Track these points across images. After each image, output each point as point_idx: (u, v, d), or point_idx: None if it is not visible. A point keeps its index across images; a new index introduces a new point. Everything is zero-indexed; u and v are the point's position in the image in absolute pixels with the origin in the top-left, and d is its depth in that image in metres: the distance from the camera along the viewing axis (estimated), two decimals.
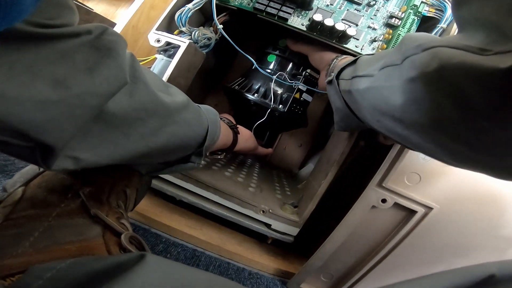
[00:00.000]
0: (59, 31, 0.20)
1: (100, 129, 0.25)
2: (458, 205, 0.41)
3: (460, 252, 0.43)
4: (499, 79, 0.16)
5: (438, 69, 0.20)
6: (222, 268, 0.48)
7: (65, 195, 0.32)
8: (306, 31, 0.55)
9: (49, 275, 0.20)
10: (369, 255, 0.46)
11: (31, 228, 0.27)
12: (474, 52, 0.19)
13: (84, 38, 0.22)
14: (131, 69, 0.27)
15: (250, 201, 0.52)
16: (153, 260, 0.21)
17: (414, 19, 0.54)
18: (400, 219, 0.43)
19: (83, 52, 0.22)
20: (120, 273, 0.19)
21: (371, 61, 0.35)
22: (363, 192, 0.43)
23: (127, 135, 0.27)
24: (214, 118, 0.41)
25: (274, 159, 0.91)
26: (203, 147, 0.38)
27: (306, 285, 0.51)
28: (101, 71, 0.23)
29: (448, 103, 0.20)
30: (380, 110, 0.30)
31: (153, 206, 0.53)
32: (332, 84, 0.43)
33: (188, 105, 0.35)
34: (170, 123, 0.31)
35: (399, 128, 0.28)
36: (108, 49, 0.23)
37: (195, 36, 0.54)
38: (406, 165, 0.40)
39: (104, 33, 0.23)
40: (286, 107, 0.63)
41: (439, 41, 0.22)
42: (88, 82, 0.22)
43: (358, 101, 0.35)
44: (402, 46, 0.27)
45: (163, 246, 0.46)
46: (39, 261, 0.24)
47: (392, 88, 0.26)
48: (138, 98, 0.27)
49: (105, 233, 0.31)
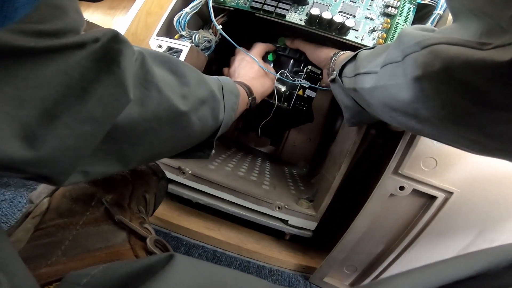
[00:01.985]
0: (61, 42, 0.17)
1: (106, 144, 0.23)
2: (479, 188, 0.40)
3: (488, 236, 0.43)
4: (503, 72, 0.17)
5: (444, 68, 0.21)
6: (242, 267, 0.49)
7: (89, 204, 0.33)
8: (305, 26, 0.54)
9: (85, 281, 0.20)
10: (392, 244, 0.45)
11: (61, 236, 0.28)
12: (474, 47, 0.19)
13: (90, 47, 0.19)
14: (141, 73, 0.24)
15: (265, 198, 0.52)
16: (182, 260, 0.21)
17: (410, 7, 0.54)
18: (420, 206, 0.43)
19: (82, 67, 0.18)
20: (153, 274, 0.19)
21: (371, 57, 0.35)
22: (380, 180, 0.42)
23: (135, 146, 0.26)
24: (233, 102, 0.39)
25: (284, 156, 0.91)
26: (214, 138, 0.37)
27: (330, 278, 0.51)
28: (95, 91, 0.19)
29: (462, 100, 0.21)
30: (390, 107, 0.30)
31: (171, 210, 0.54)
32: (336, 82, 0.43)
33: (208, 98, 0.32)
34: (184, 127, 0.30)
35: (413, 122, 0.28)
36: (109, 61, 0.20)
37: (195, 39, 0.54)
38: (421, 150, 0.40)
39: (112, 40, 0.20)
40: (290, 105, 0.63)
41: (436, 38, 0.23)
42: (78, 107, 0.18)
43: (366, 99, 0.35)
44: (400, 42, 0.27)
45: (184, 249, 0.46)
46: (72, 269, 0.25)
47: (398, 86, 0.26)
48: (150, 107, 0.25)
49: (131, 238, 0.32)
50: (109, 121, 0.21)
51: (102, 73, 0.19)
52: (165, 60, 0.29)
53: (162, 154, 0.33)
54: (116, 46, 0.20)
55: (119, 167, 0.26)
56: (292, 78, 0.63)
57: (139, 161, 0.29)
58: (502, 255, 0.18)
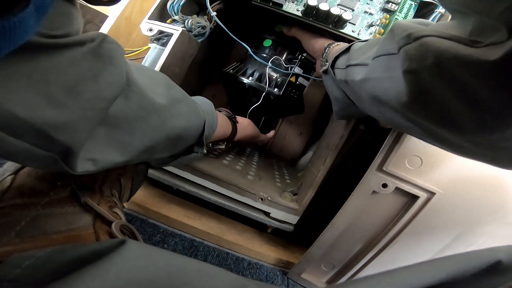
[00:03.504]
0: (66, 40, 0.21)
1: (107, 131, 0.27)
2: (462, 190, 0.39)
3: (465, 239, 0.42)
4: (491, 71, 0.17)
5: (436, 62, 0.20)
6: (220, 258, 0.48)
7: (55, 183, 0.31)
8: (301, 16, 0.54)
9: (28, 264, 0.19)
10: (371, 243, 0.44)
11: (18, 217, 0.27)
12: (466, 44, 0.19)
13: (88, 45, 0.23)
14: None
15: (248, 188, 0.51)
16: (134, 247, 0.20)
17: (411, 4, 0.53)
18: (402, 205, 0.42)
19: (88, 60, 0.23)
20: (96, 260, 0.18)
21: (364, 49, 0.35)
22: (363, 177, 0.41)
23: (132, 134, 0.29)
24: (210, 109, 0.42)
25: (274, 148, 0.90)
26: (203, 137, 0.40)
27: (307, 274, 0.50)
28: (105, 78, 0.24)
29: (453, 97, 0.20)
30: (380, 101, 0.29)
31: (150, 196, 0.53)
32: (328, 73, 0.42)
33: (182, 99, 0.36)
34: (168, 117, 0.33)
35: (400, 118, 0.27)
36: (109, 57, 0.25)
37: (188, 25, 0.53)
38: (407, 147, 0.39)
39: (104, 40, 0.24)
40: (281, 91, 0.62)
41: (428, 30, 0.22)
42: (95, 88, 0.23)
43: (356, 92, 0.35)
44: (393, 34, 0.27)
45: (160, 237, 0.45)
46: (23, 250, 0.24)
47: (393, 78, 0.26)
48: (134, 99, 0.28)
49: (96, 222, 0.31)
50: (112, 100, 0.26)
51: (107, 65, 0.24)
52: (140, 68, 0.33)
53: (158, 148, 0.34)
54: (109, 46, 0.25)
55: (123, 156, 0.29)
56: (286, 65, 0.62)
57: (139, 149, 0.31)
58: (473, 261, 0.17)
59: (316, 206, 0.54)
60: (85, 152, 0.25)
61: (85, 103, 0.23)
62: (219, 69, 0.70)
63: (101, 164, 0.27)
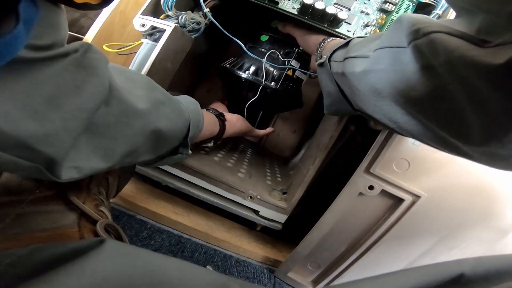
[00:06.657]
0: (50, 53, 0.21)
1: (89, 139, 0.27)
2: (447, 194, 0.40)
3: (448, 243, 0.43)
4: (497, 74, 0.17)
5: (446, 60, 0.20)
6: (208, 255, 0.48)
7: (41, 181, 0.31)
8: (297, 15, 0.53)
9: (8, 261, 0.20)
10: (356, 244, 0.45)
11: (2, 214, 0.27)
12: (475, 43, 0.19)
13: (72, 56, 0.23)
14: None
15: (238, 186, 0.51)
16: (112, 246, 0.20)
17: (408, 4, 0.54)
18: (387, 207, 0.42)
19: (71, 71, 0.23)
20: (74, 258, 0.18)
21: (364, 43, 0.35)
22: (351, 178, 0.42)
23: (114, 139, 0.29)
24: (195, 108, 0.42)
25: (268, 145, 0.90)
26: (188, 138, 0.39)
27: (293, 273, 0.51)
28: (87, 89, 0.24)
29: (461, 95, 0.20)
30: (380, 94, 0.29)
31: (139, 192, 0.53)
32: (324, 66, 0.42)
33: (165, 100, 0.36)
34: (150, 120, 0.33)
35: (398, 113, 0.27)
36: (92, 67, 0.25)
37: (182, 20, 0.52)
38: (396, 150, 0.39)
39: (88, 50, 0.25)
40: (278, 84, 0.62)
41: (437, 26, 0.22)
42: (77, 99, 0.23)
43: (354, 85, 0.34)
44: (401, 26, 0.26)
45: (147, 233, 0.46)
46: (7, 248, 0.24)
47: (403, 72, 0.25)
48: (114, 105, 0.28)
49: (81, 220, 0.31)
50: (95, 110, 0.26)
51: (90, 76, 0.24)
52: (121, 71, 0.33)
53: (141, 151, 0.34)
54: (94, 55, 0.25)
55: (106, 162, 0.29)
56: (283, 59, 0.62)
57: (122, 154, 0.31)
58: (435, 275, 0.17)
59: (305, 205, 0.54)
60: (69, 161, 0.25)
61: (67, 114, 0.23)
62: (217, 64, 0.70)
63: (85, 171, 0.27)
